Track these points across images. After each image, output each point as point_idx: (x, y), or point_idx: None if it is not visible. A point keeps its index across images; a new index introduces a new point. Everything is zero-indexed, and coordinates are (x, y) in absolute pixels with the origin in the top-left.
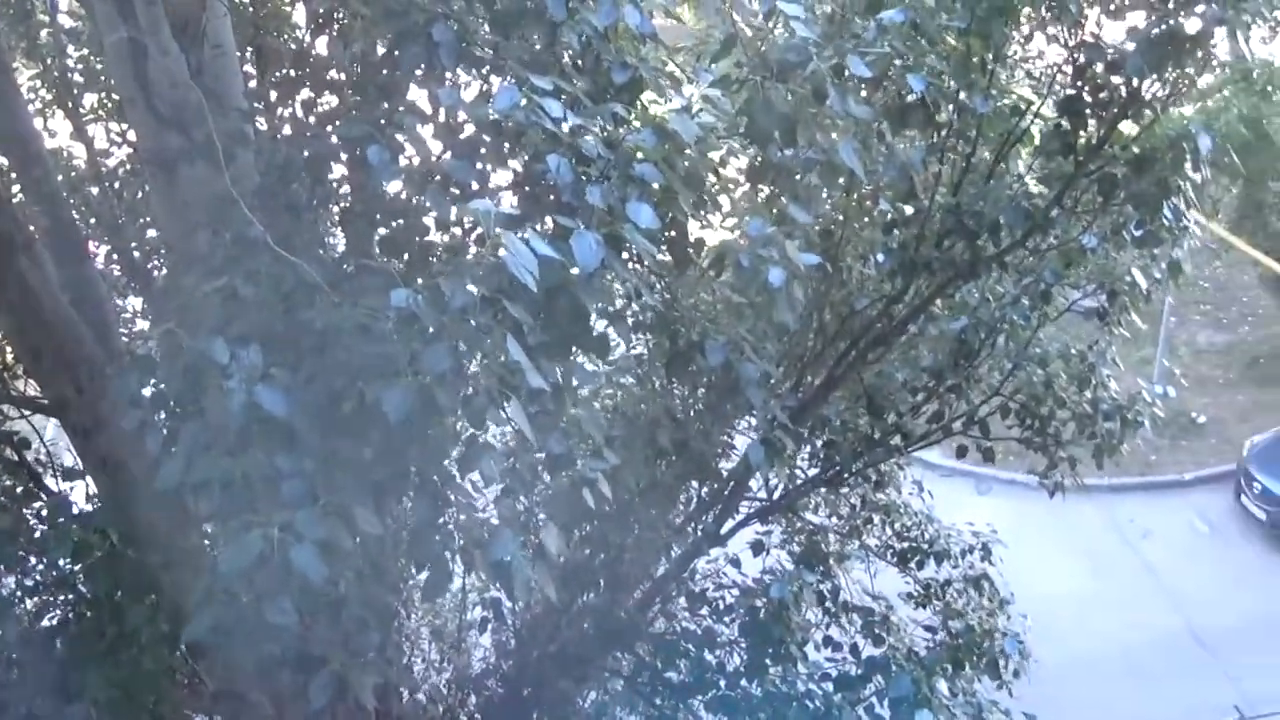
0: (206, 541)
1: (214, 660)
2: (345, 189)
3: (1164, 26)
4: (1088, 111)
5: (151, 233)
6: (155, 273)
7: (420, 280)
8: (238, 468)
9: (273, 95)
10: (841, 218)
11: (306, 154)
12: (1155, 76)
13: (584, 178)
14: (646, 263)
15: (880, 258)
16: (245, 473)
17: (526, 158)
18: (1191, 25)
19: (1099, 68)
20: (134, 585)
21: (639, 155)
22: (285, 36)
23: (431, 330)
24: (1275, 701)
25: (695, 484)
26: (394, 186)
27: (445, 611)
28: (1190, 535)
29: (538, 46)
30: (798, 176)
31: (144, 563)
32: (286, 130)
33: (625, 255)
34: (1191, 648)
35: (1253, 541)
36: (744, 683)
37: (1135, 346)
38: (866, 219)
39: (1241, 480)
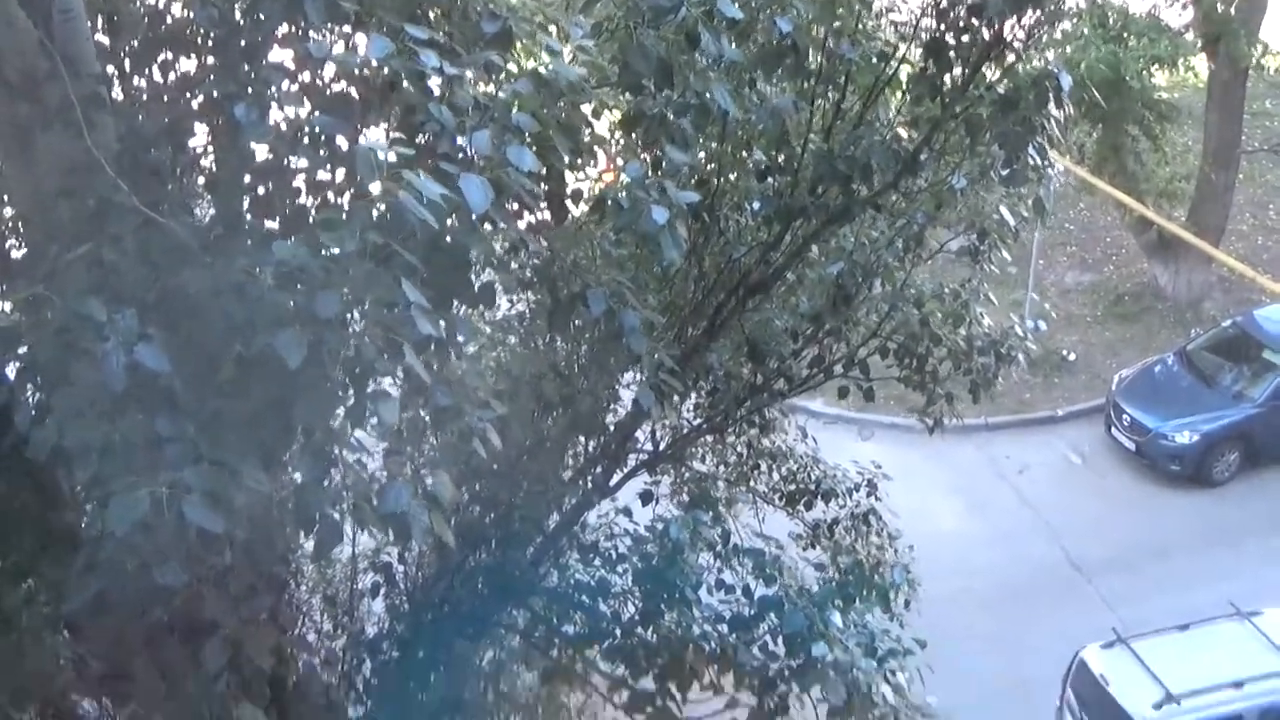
0: (83, 522)
1: (99, 639)
2: (209, 155)
3: None
4: (952, 55)
5: (8, 211)
6: (12, 251)
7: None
8: (116, 432)
9: (127, 61)
10: (716, 166)
11: (167, 119)
12: (1016, 19)
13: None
14: (527, 217)
15: (756, 205)
16: (124, 436)
17: (399, 111)
18: None
19: (961, 10)
20: (8, 570)
21: (516, 105)
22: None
23: (317, 280)
24: (1149, 623)
25: (582, 438)
26: (261, 150)
27: (336, 580)
28: (1064, 468)
29: None
30: (671, 118)
31: (17, 546)
32: (145, 96)
33: (506, 206)
34: (1070, 575)
35: (1123, 471)
36: (639, 630)
37: (1006, 289)
38: (741, 168)
39: (1111, 413)
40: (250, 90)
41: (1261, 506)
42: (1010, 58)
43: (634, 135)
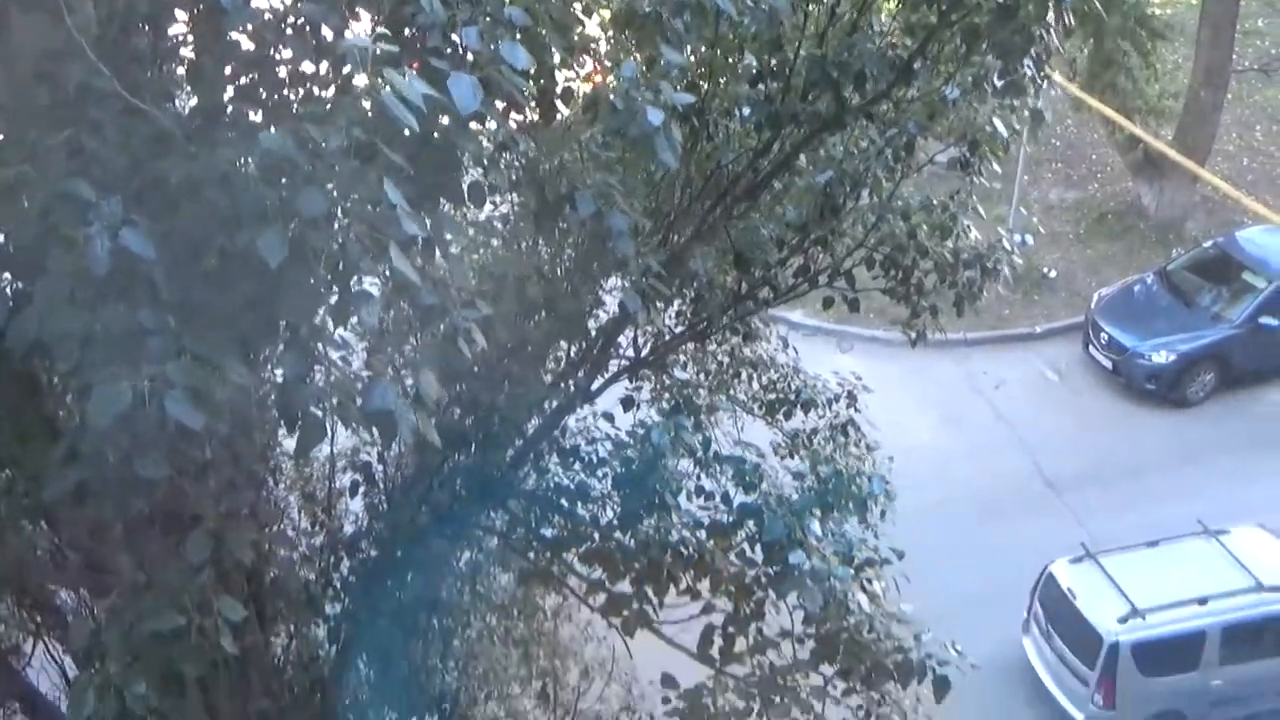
0: (63, 413)
1: (79, 531)
2: (191, 44)
3: None
4: None
5: None
6: None
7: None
8: (97, 322)
9: None
10: (706, 70)
11: (148, 3)
12: None
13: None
14: (517, 115)
15: (746, 111)
16: (105, 327)
17: (388, 2)
18: None
19: None
20: None
21: None
22: None
23: (302, 175)
24: (1119, 539)
25: (564, 342)
26: (244, 39)
27: (314, 479)
28: (1041, 385)
29: None
30: (666, 17)
31: None
32: None
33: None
34: (1042, 490)
35: (1099, 389)
36: (618, 534)
37: (990, 205)
38: (732, 73)
39: (1089, 331)
40: None
41: (1234, 427)
42: None
43: (626, 34)
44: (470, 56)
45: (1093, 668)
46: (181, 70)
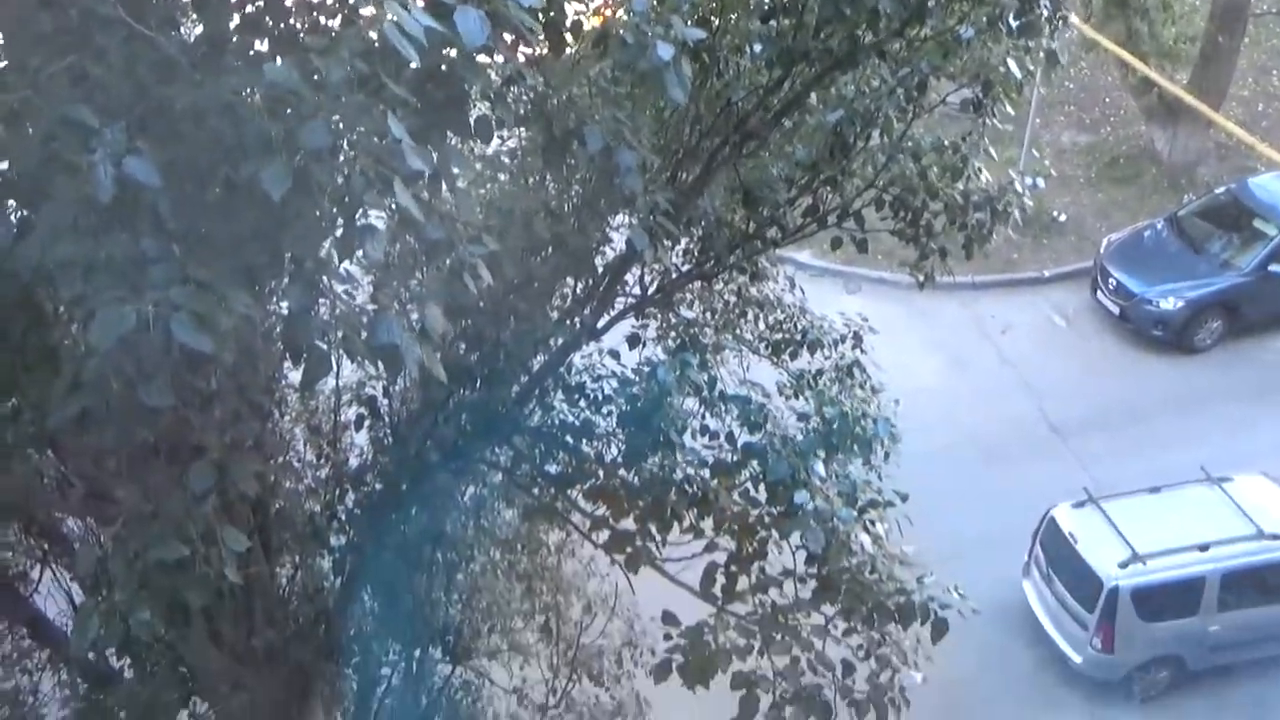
0: (67, 342)
1: (84, 459)
2: None
3: None
4: None
5: None
6: None
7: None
8: (101, 249)
9: None
10: (718, 5)
11: None
12: None
13: None
14: (525, 49)
15: (757, 48)
16: (109, 255)
17: None
18: None
19: None
20: None
21: None
22: None
23: (307, 107)
24: (1122, 484)
25: (571, 279)
26: None
27: (320, 412)
28: (1048, 329)
29: None
30: None
31: (1, 364)
32: None
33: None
34: (1046, 435)
35: (1106, 334)
36: (622, 472)
37: (1002, 147)
38: (743, 8)
39: (1098, 276)
40: None
41: (1241, 374)
42: None
43: None
44: None
45: (1092, 611)
46: None
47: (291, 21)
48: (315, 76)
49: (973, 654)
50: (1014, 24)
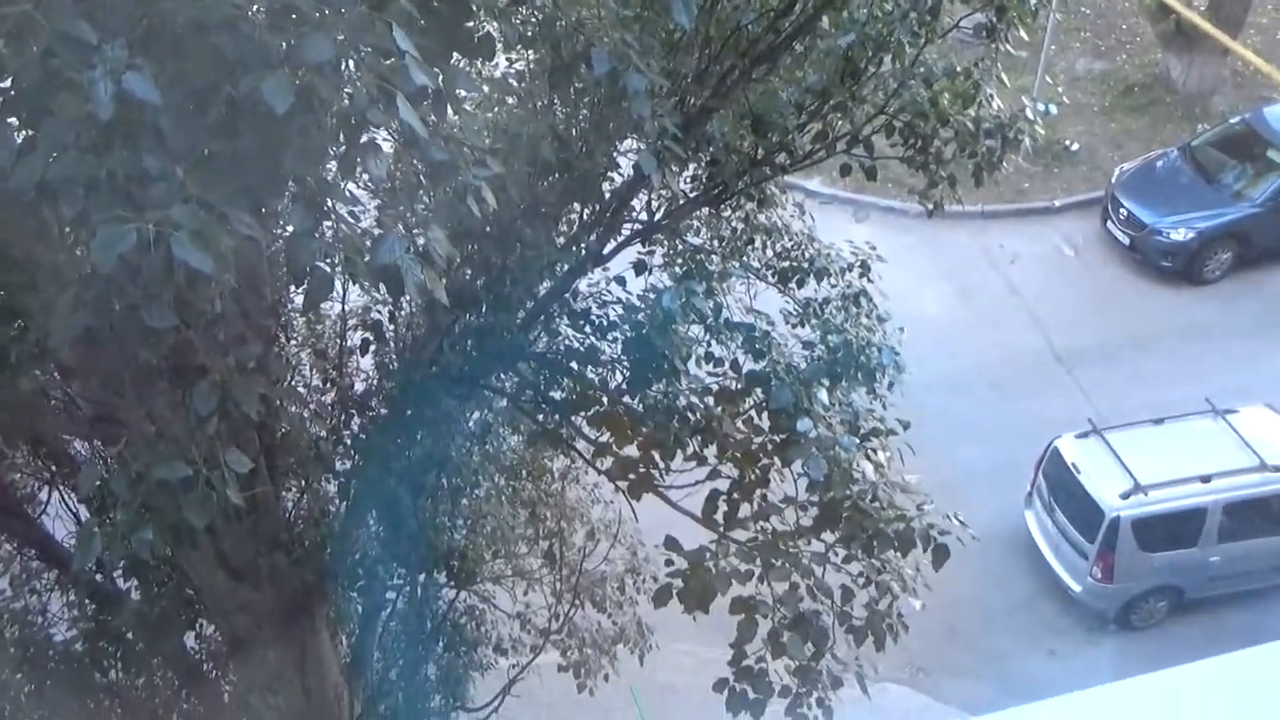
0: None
1: (89, 381)
2: None
3: None
4: None
5: None
6: None
7: None
8: (102, 167)
9: None
10: None
11: None
12: None
13: None
14: None
15: None
16: (111, 172)
17: None
18: None
19: None
20: None
21: None
22: None
23: (309, 21)
24: (1124, 415)
25: (578, 204)
26: None
27: (325, 336)
28: (1057, 259)
29: None
30: None
31: (4, 284)
32: None
33: None
34: (1052, 366)
35: (1115, 265)
36: (626, 398)
37: (1016, 74)
38: None
39: (1108, 206)
40: None
41: (1249, 307)
42: None
43: None
44: None
45: (1093, 541)
46: None
47: None
48: None
49: (973, 582)
50: None
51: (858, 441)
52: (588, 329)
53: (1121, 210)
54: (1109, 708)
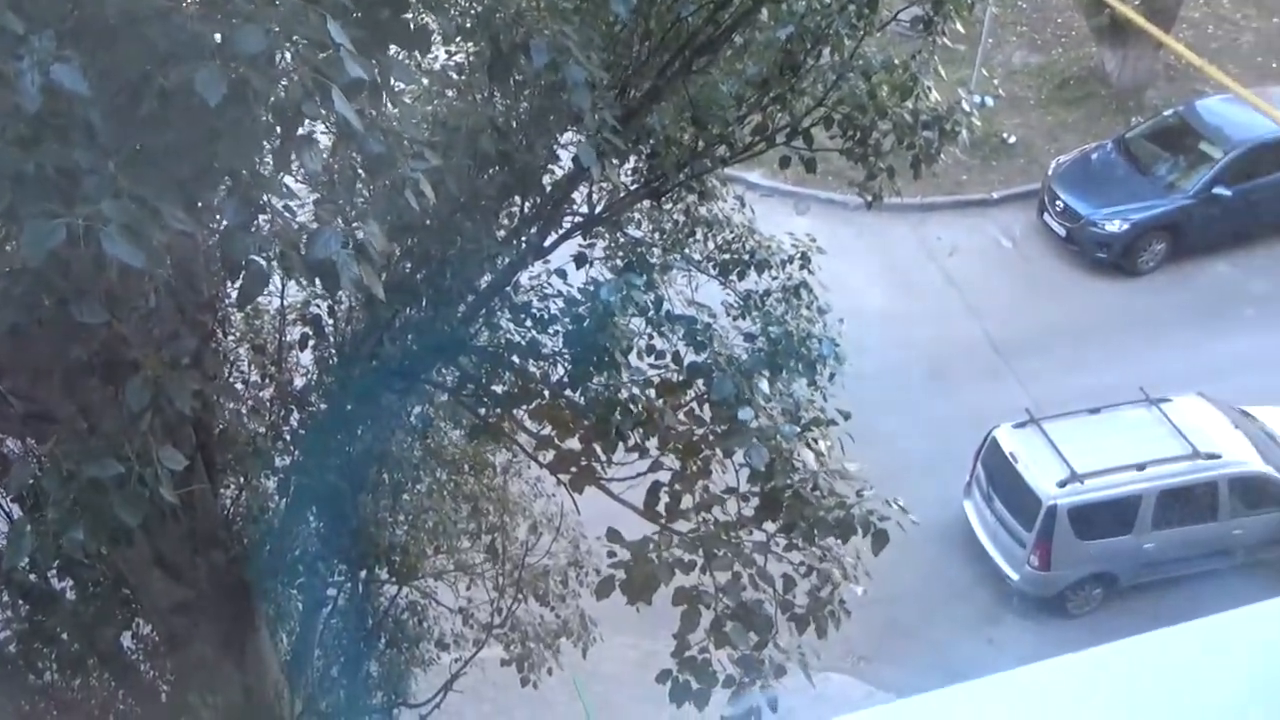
0: None
1: (20, 378)
2: None
3: None
4: None
5: None
6: None
7: None
8: (31, 159)
9: None
10: None
11: None
12: None
13: None
14: None
15: None
16: (40, 165)
17: None
18: None
19: None
20: None
21: None
22: None
23: (242, 13)
24: (1061, 404)
25: (518, 197)
26: None
27: (264, 331)
28: (994, 251)
29: None
30: None
31: None
32: None
33: None
34: (989, 356)
35: (1052, 256)
36: (568, 391)
37: (953, 67)
38: None
39: (1045, 198)
40: None
41: (1181, 297)
42: None
43: None
44: None
45: (1030, 530)
46: None
47: None
48: None
49: (913, 571)
50: None
51: (798, 430)
52: (529, 322)
53: (1058, 202)
54: (1037, 686)
